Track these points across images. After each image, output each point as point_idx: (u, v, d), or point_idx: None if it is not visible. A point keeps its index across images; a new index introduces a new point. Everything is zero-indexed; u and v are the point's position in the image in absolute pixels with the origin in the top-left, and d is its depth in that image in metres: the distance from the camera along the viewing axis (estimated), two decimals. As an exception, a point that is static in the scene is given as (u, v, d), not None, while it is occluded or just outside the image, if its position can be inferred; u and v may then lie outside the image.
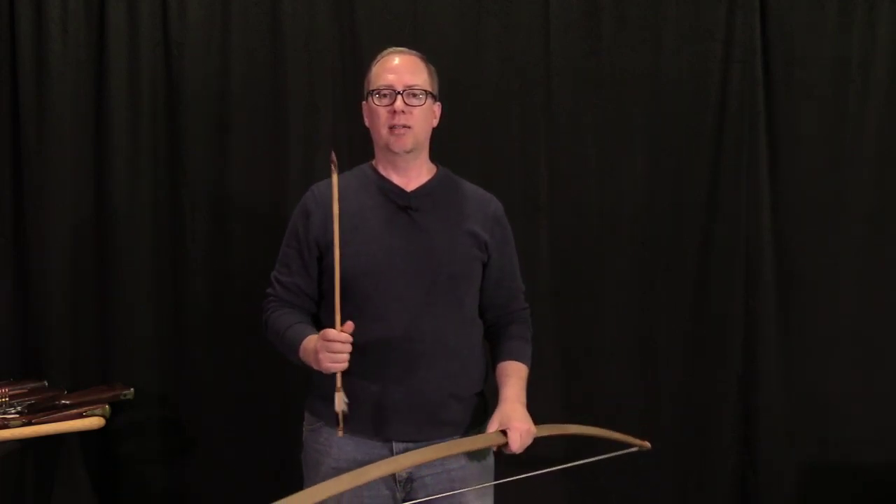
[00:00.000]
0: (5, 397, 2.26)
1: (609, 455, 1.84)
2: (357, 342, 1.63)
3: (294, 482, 1.79)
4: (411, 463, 1.64)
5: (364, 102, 1.83)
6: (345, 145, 2.54)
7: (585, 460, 1.78)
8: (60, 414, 2.25)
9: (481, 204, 1.87)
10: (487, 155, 2.59)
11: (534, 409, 1.74)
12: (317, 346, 1.64)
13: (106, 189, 2.56)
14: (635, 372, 2.65)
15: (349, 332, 1.60)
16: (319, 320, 1.82)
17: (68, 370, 2.56)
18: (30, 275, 2.57)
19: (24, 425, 2.19)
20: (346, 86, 2.58)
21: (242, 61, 2.57)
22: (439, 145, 1.90)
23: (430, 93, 1.80)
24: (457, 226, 1.80)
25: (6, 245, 2.57)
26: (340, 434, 1.65)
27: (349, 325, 1.61)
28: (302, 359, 1.72)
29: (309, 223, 1.80)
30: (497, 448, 1.70)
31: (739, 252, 2.62)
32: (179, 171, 2.58)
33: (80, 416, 2.26)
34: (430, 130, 1.84)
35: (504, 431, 1.65)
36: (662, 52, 2.61)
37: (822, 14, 2.59)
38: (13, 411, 2.24)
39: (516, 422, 1.67)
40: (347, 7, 2.58)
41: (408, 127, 1.75)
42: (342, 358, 1.60)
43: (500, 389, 1.78)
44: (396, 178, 1.82)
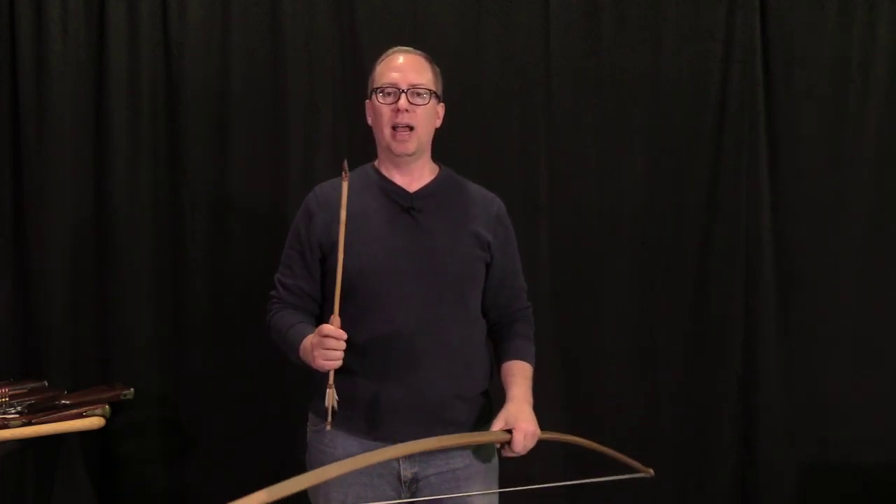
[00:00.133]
0: (5, 397, 2.26)
1: (612, 478, 1.83)
2: (360, 342, 1.63)
3: (294, 482, 1.78)
4: (412, 450, 1.63)
5: (367, 101, 1.83)
6: (345, 145, 2.54)
7: (588, 480, 1.76)
8: (60, 414, 2.25)
9: (484, 204, 1.86)
10: (487, 155, 2.59)
11: (534, 409, 1.73)
12: (312, 343, 1.64)
13: (106, 189, 2.57)
14: (635, 372, 2.65)
15: (338, 327, 1.59)
16: (322, 321, 1.80)
17: (68, 370, 2.56)
18: (30, 275, 2.57)
19: (24, 425, 2.19)
20: (346, 86, 2.58)
21: (242, 61, 2.57)
22: (439, 145, 1.90)
23: (435, 93, 1.79)
24: (460, 226, 1.80)
25: (6, 245, 2.58)
26: (328, 427, 1.64)
27: (336, 320, 1.59)
28: (302, 358, 1.72)
29: (311, 224, 1.79)
30: (499, 446, 1.69)
31: (739, 252, 2.62)
32: (179, 171, 2.58)
33: (80, 416, 2.26)
34: (433, 131, 1.83)
35: (509, 430, 1.65)
36: (662, 52, 2.61)
37: (822, 14, 2.60)
38: (13, 411, 2.23)
39: (522, 422, 1.66)
40: (347, 7, 2.58)
41: (411, 127, 1.74)
42: (336, 356, 1.60)
43: (507, 389, 1.77)
44: (399, 179, 1.81)
